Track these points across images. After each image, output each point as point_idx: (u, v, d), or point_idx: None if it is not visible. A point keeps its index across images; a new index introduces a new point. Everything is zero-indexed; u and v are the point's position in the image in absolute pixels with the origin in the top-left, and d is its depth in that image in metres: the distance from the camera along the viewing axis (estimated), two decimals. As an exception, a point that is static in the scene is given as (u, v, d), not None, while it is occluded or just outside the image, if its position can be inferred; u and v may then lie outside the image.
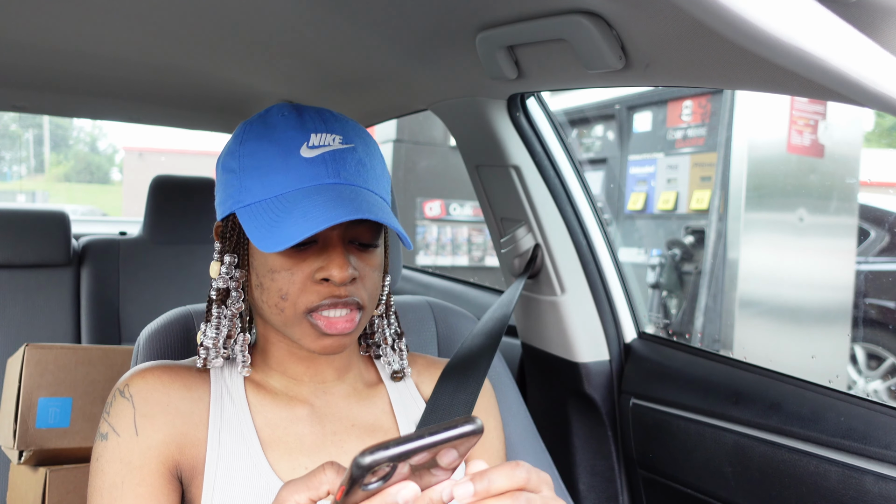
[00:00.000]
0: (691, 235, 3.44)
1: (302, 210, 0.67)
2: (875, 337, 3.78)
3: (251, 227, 0.69)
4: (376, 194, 0.74)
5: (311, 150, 0.72)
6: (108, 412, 0.75)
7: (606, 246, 1.45)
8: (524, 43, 0.96)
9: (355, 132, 0.76)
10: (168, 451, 0.73)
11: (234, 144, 0.75)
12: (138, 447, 0.72)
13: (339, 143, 0.73)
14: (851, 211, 3.40)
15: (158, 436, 0.72)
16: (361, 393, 0.84)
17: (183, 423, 0.74)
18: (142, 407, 0.73)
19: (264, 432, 0.76)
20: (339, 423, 0.80)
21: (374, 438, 0.80)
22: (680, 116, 3.55)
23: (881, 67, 0.39)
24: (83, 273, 2.10)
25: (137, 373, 0.76)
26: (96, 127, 22.52)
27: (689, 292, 3.38)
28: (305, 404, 0.80)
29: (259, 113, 0.77)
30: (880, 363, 3.79)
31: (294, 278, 0.71)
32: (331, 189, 0.70)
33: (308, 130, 0.73)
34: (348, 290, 0.72)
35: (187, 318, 0.95)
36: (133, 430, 0.72)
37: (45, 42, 1.36)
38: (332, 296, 0.71)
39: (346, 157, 0.72)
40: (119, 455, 0.71)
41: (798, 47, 0.35)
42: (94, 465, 0.73)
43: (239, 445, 0.74)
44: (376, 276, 0.76)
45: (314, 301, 0.71)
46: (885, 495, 0.92)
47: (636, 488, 1.38)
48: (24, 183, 16.10)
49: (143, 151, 15.85)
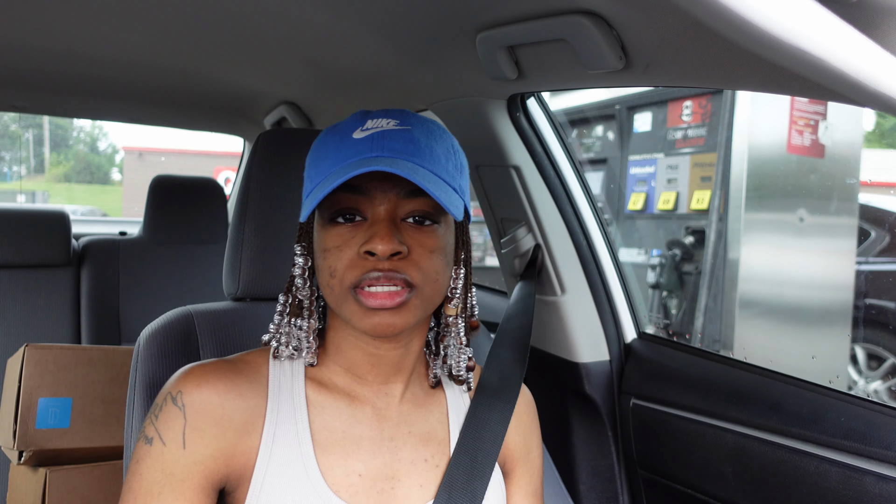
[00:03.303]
0: (691, 235, 3.44)
1: (335, 177, 0.67)
2: (875, 337, 3.78)
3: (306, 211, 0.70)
4: (425, 168, 0.71)
5: (361, 132, 0.72)
6: (156, 415, 0.72)
7: (606, 246, 1.45)
8: (524, 43, 0.96)
9: (419, 121, 0.74)
10: (215, 466, 0.71)
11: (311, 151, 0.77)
12: (183, 461, 0.69)
13: (393, 126, 0.72)
14: (851, 211, 3.40)
15: (207, 451, 0.70)
16: (420, 398, 0.82)
17: (234, 433, 0.72)
18: (194, 419, 0.70)
19: (321, 434, 0.75)
20: (396, 428, 0.78)
21: (428, 448, 0.79)
22: (680, 116, 3.55)
23: (881, 67, 0.39)
24: (83, 273, 2.10)
25: (193, 380, 0.72)
26: (96, 127, 22.52)
27: (689, 292, 3.38)
28: (367, 405, 0.78)
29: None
30: (880, 363, 3.79)
31: (342, 255, 0.70)
32: (371, 161, 0.68)
33: (367, 118, 0.73)
34: (395, 265, 0.69)
35: (188, 318, 0.95)
36: (181, 442, 0.70)
37: (46, 43, 1.36)
38: (375, 269, 0.69)
39: (394, 135, 0.71)
40: (161, 465, 0.69)
41: (798, 47, 0.35)
42: (134, 467, 0.70)
43: (291, 448, 0.73)
44: (435, 260, 0.72)
45: (358, 275, 0.69)
46: (885, 496, 0.92)
47: (636, 488, 1.38)
48: (24, 183, 16.09)
49: (142, 152, 15.85)
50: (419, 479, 0.77)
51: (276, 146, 1.00)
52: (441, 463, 0.80)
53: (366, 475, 0.75)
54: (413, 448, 0.78)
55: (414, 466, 0.78)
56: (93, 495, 1.50)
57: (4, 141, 14.01)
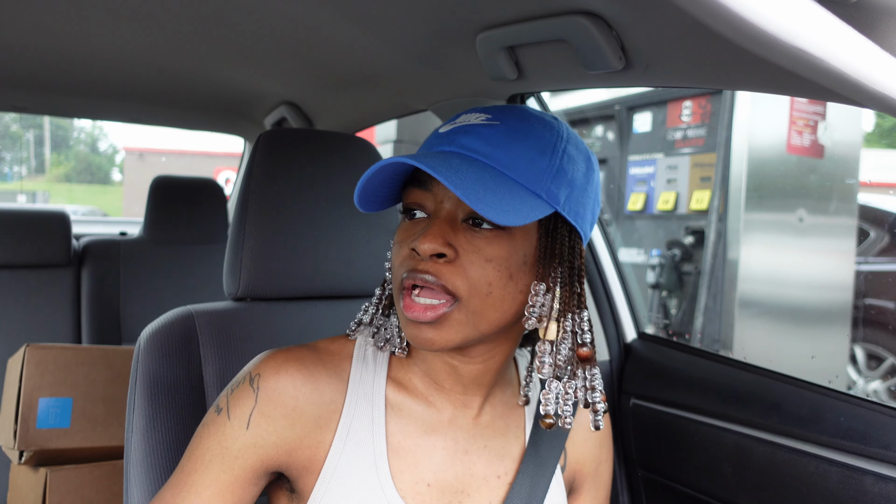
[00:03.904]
0: (691, 236, 3.44)
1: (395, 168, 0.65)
2: (875, 337, 3.78)
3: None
4: (495, 168, 0.64)
5: (449, 125, 0.68)
6: (231, 390, 0.72)
7: (606, 246, 1.45)
8: (524, 43, 0.96)
9: (518, 114, 0.67)
10: (275, 453, 0.70)
11: None
12: (242, 440, 0.69)
13: (481, 120, 0.67)
14: (851, 211, 3.41)
15: (270, 438, 0.69)
16: (499, 411, 0.78)
17: (304, 427, 0.70)
18: (264, 405, 0.69)
19: (395, 437, 0.72)
20: (472, 441, 0.75)
21: (503, 464, 0.76)
22: (680, 117, 3.55)
23: (881, 68, 0.39)
24: (83, 273, 2.10)
25: (273, 367, 0.71)
26: (97, 127, 22.53)
27: (688, 293, 3.38)
28: (444, 413, 0.75)
29: None
30: (880, 363, 3.79)
31: (400, 250, 0.68)
32: (432, 156, 0.63)
33: (468, 111, 0.69)
34: (437, 269, 0.64)
35: (188, 318, 0.95)
36: (245, 421, 0.69)
37: (47, 43, 1.36)
38: (414, 269, 0.65)
39: (474, 130, 0.66)
40: (220, 437, 0.69)
41: (798, 47, 0.35)
42: (200, 430, 0.71)
43: (365, 446, 0.71)
44: (490, 269, 0.64)
45: (402, 271, 0.66)
46: (884, 496, 0.92)
47: (636, 488, 1.39)
48: (24, 183, 16.10)
49: (143, 152, 15.86)
50: (489, 496, 0.75)
51: (276, 146, 1.00)
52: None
53: (435, 485, 0.73)
54: (487, 463, 0.75)
55: (486, 483, 0.75)
56: (93, 495, 1.50)
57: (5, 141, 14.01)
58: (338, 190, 1.03)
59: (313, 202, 1.00)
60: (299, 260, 0.99)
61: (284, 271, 0.98)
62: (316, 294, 1.04)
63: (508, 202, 0.61)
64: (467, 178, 0.60)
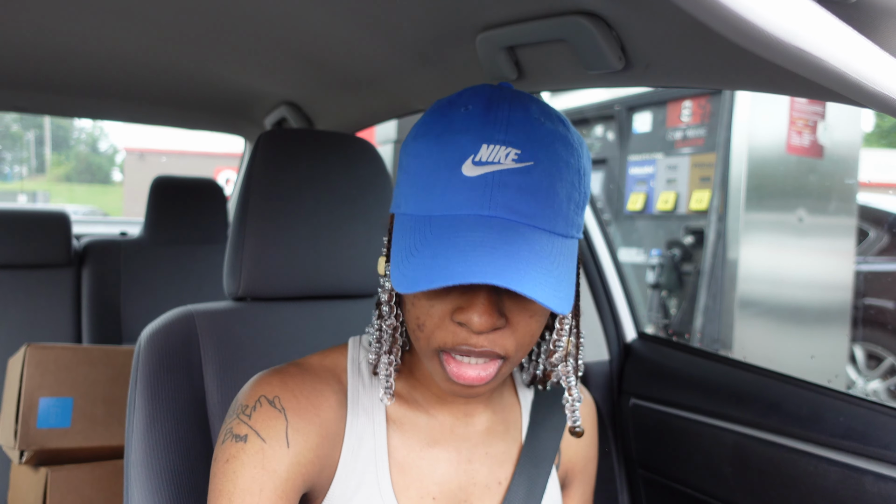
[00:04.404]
0: (691, 236, 3.44)
1: (442, 248, 0.57)
2: (874, 337, 3.78)
3: (395, 251, 0.61)
4: (542, 229, 0.59)
5: (474, 168, 0.58)
6: (247, 415, 0.67)
7: (606, 246, 1.45)
8: (524, 43, 0.96)
9: (543, 142, 0.60)
10: (314, 470, 0.67)
11: (411, 133, 0.65)
12: (288, 459, 0.65)
13: (512, 161, 0.58)
14: (851, 211, 3.41)
15: (310, 455, 0.67)
16: (499, 416, 0.78)
17: (328, 443, 0.69)
18: (295, 422, 0.67)
19: (399, 452, 0.71)
20: (474, 449, 0.75)
21: (503, 469, 0.76)
22: (679, 117, 3.55)
23: (881, 68, 0.39)
24: (84, 273, 2.11)
25: (287, 388, 0.68)
26: (97, 127, 22.54)
27: (688, 292, 3.38)
28: (446, 424, 0.74)
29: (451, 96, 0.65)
30: (879, 363, 3.79)
31: (432, 311, 0.62)
32: (480, 225, 0.57)
33: (482, 137, 0.59)
34: (489, 339, 0.61)
35: (188, 317, 0.95)
36: (284, 440, 0.65)
37: (47, 43, 1.36)
38: (467, 343, 0.61)
39: (511, 182, 0.58)
40: (262, 461, 0.64)
41: (798, 47, 0.35)
42: (224, 467, 0.64)
43: (367, 463, 0.70)
44: (534, 323, 0.63)
45: (448, 342, 0.61)
46: (884, 495, 0.92)
47: (636, 488, 1.39)
48: (25, 183, 16.10)
49: (143, 152, 15.86)
50: (492, 503, 0.75)
51: (276, 146, 1.00)
52: None
53: (440, 498, 0.72)
54: (489, 471, 0.75)
55: (488, 490, 0.75)
56: (93, 495, 1.50)
57: (6, 141, 14.01)
58: (338, 190, 1.03)
59: (313, 202, 1.00)
60: (299, 260, 0.99)
61: (284, 271, 0.98)
62: (316, 294, 1.04)
63: (564, 276, 0.58)
64: (530, 272, 0.55)
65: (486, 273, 0.53)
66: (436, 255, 0.56)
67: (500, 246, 0.56)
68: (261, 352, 0.96)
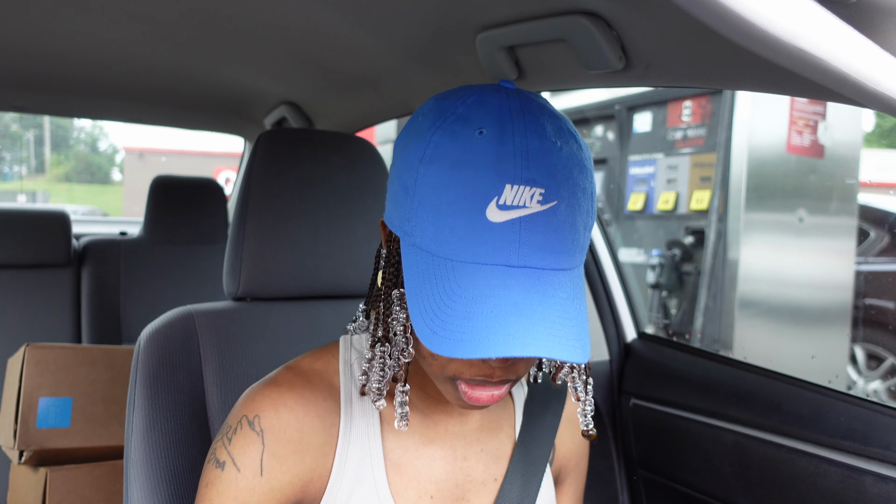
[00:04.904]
0: (691, 236, 3.44)
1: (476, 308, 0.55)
2: (875, 337, 3.78)
3: (413, 289, 0.58)
4: (565, 269, 0.59)
5: (500, 213, 0.56)
6: (229, 438, 0.68)
7: (606, 246, 1.45)
8: (524, 43, 0.96)
9: (567, 175, 0.58)
10: (291, 492, 0.68)
11: (413, 153, 0.60)
12: (260, 488, 0.66)
13: (538, 203, 0.56)
14: (851, 211, 3.41)
15: (285, 478, 0.67)
16: (492, 413, 0.79)
17: (312, 458, 0.69)
18: (273, 446, 0.67)
19: (394, 453, 0.71)
20: (469, 446, 0.76)
21: (499, 465, 0.77)
22: (680, 117, 3.55)
23: (881, 68, 0.39)
24: (83, 273, 2.11)
25: (270, 404, 0.68)
26: (97, 127, 22.56)
27: (688, 292, 3.38)
28: (440, 423, 0.74)
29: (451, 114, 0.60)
30: (880, 363, 3.79)
31: None
32: (510, 278, 0.56)
33: (504, 177, 0.56)
34: (505, 369, 0.61)
35: (188, 317, 0.95)
36: (258, 468, 0.66)
37: (47, 43, 1.36)
38: (484, 375, 0.61)
39: (537, 227, 0.57)
40: (235, 492, 0.66)
41: (798, 47, 0.35)
42: (204, 491, 0.67)
43: (363, 466, 0.70)
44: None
45: (464, 374, 0.61)
46: (884, 496, 0.92)
47: (636, 488, 1.38)
48: (24, 183, 16.12)
49: (143, 152, 15.86)
50: (487, 499, 0.75)
51: (276, 146, 1.00)
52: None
53: (437, 496, 0.72)
54: (485, 467, 0.76)
55: (484, 486, 0.76)
56: (93, 495, 1.50)
57: (5, 141, 14.02)
58: (338, 190, 1.03)
59: (313, 202, 1.00)
60: (299, 260, 0.99)
61: (284, 271, 0.98)
62: (316, 294, 1.04)
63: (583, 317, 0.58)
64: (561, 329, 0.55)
65: (527, 344, 0.53)
66: (469, 315, 0.55)
67: (535, 308, 0.55)
68: (260, 352, 0.96)
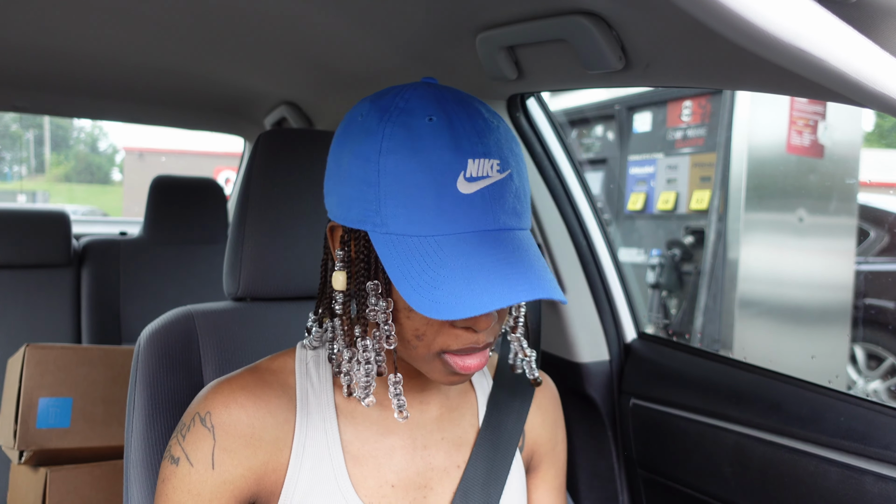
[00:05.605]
0: (691, 235, 3.44)
1: (464, 274, 0.58)
2: (875, 337, 3.78)
3: (397, 268, 0.60)
4: (526, 229, 0.65)
5: (468, 184, 0.60)
6: (182, 435, 0.70)
7: (606, 246, 1.45)
8: (524, 43, 0.96)
9: (509, 147, 0.64)
10: (245, 485, 0.69)
11: (368, 148, 0.62)
12: (212, 481, 0.68)
13: (497, 173, 0.62)
14: (851, 211, 3.40)
15: (237, 471, 0.69)
16: (453, 402, 0.80)
17: (265, 452, 0.70)
18: (223, 440, 0.68)
19: (353, 445, 0.73)
20: (429, 435, 0.77)
21: (461, 453, 0.78)
22: (680, 117, 3.55)
23: (881, 68, 0.39)
24: (83, 273, 2.11)
25: (221, 400, 0.70)
26: (96, 127, 22.55)
27: (688, 292, 3.38)
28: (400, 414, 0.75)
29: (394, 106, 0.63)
30: (880, 363, 3.79)
31: (432, 321, 0.64)
32: (489, 241, 0.60)
33: (464, 153, 0.60)
34: (487, 333, 0.65)
35: (188, 317, 0.95)
36: (210, 462, 0.68)
37: (46, 43, 1.36)
38: (471, 343, 0.64)
39: (504, 193, 0.62)
40: (188, 486, 0.68)
41: (798, 47, 0.35)
42: (160, 487, 0.69)
43: (322, 460, 0.71)
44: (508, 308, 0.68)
45: (452, 345, 0.64)
46: (884, 495, 0.92)
47: (636, 488, 1.39)
48: (24, 183, 16.11)
49: (143, 152, 15.86)
50: (451, 487, 0.76)
51: (276, 146, 1.00)
52: None
53: (398, 486, 0.73)
54: (446, 455, 0.77)
55: (446, 474, 0.76)
56: (93, 495, 1.50)
57: (5, 141, 14.02)
58: (338, 190, 1.03)
59: (313, 202, 1.00)
60: (299, 260, 0.99)
61: (284, 271, 0.98)
62: (315, 294, 1.04)
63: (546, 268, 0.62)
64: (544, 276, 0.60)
65: (524, 290, 0.57)
66: (469, 278, 0.58)
67: (521, 260, 0.60)
68: (260, 352, 0.96)
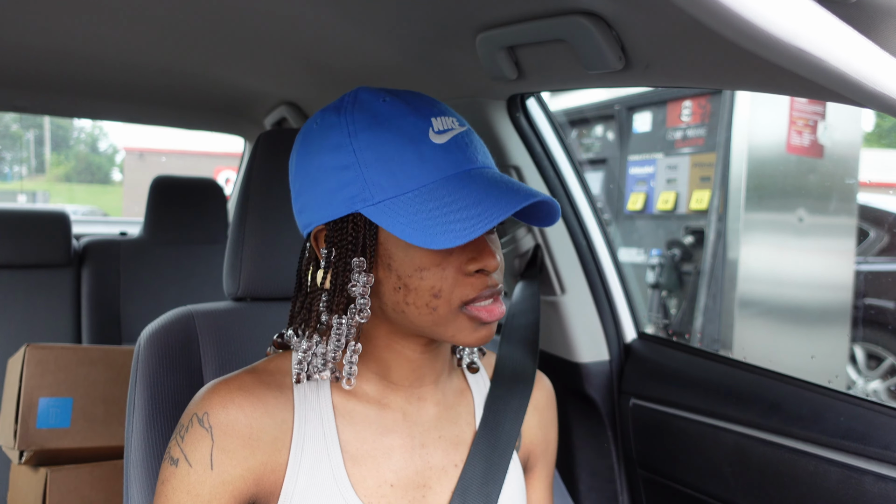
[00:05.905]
0: (691, 235, 3.44)
1: (463, 201, 0.63)
2: (874, 337, 3.78)
3: (401, 225, 0.63)
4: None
5: (438, 136, 0.66)
6: (181, 436, 0.70)
7: (606, 246, 1.45)
8: (524, 43, 0.96)
9: (457, 115, 0.73)
10: (244, 485, 0.69)
11: (339, 138, 0.67)
12: (211, 481, 0.68)
13: (459, 126, 0.69)
14: (851, 211, 3.40)
15: (236, 471, 0.69)
16: (450, 400, 0.81)
17: (263, 452, 0.70)
18: (221, 441, 0.69)
19: (351, 445, 0.73)
20: (427, 433, 0.77)
21: (458, 452, 0.78)
22: (679, 117, 3.55)
23: (881, 67, 0.39)
24: (84, 273, 2.11)
25: (218, 401, 0.70)
26: (97, 127, 22.56)
27: (688, 292, 3.38)
28: (397, 412, 0.76)
29: (346, 101, 0.70)
30: (880, 363, 3.79)
31: (445, 274, 0.66)
32: (476, 175, 0.65)
33: (426, 114, 0.67)
34: (497, 275, 0.69)
35: (188, 317, 0.95)
36: (208, 463, 0.68)
37: (46, 43, 1.36)
38: (488, 286, 0.67)
39: (473, 140, 0.69)
40: (187, 486, 0.68)
41: (798, 47, 0.35)
42: (160, 488, 0.70)
43: (321, 460, 0.71)
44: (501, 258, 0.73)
45: (470, 294, 0.67)
46: (884, 495, 0.92)
47: (636, 488, 1.39)
48: (24, 183, 16.12)
49: (143, 152, 15.87)
50: (449, 486, 0.76)
51: (276, 146, 1.00)
52: None
53: (398, 485, 0.73)
54: (444, 453, 0.77)
55: (444, 473, 0.77)
56: (93, 495, 1.50)
57: (5, 141, 14.02)
58: (338, 190, 1.03)
59: (313, 202, 1.00)
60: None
61: (284, 271, 0.98)
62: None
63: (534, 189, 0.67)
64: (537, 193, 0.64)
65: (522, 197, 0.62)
66: (468, 205, 0.62)
67: (508, 184, 0.65)
68: (260, 352, 0.96)
